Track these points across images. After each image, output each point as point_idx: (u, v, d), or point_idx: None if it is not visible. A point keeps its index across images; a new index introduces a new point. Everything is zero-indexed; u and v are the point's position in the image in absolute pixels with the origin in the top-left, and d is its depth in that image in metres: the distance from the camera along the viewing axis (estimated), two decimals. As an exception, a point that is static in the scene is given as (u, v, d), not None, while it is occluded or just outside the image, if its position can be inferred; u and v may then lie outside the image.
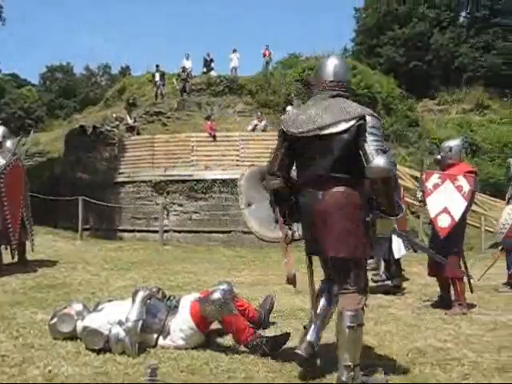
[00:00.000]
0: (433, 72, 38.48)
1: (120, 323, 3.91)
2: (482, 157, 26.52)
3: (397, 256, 7.47)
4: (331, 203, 3.37)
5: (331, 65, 3.64)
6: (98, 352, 3.87)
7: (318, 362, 3.65)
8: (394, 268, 7.53)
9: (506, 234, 7.93)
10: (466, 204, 5.96)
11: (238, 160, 16.12)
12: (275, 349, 3.92)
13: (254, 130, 17.49)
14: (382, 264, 7.57)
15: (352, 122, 3.34)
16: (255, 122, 17.80)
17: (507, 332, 5.00)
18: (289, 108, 18.41)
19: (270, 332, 4.59)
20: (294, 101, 19.27)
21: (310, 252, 3.75)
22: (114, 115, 22.01)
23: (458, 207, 5.96)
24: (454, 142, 6.49)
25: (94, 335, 3.91)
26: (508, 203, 8.42)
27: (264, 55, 26.26)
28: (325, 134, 3.38)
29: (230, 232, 15.55)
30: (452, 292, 6.18)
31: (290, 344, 4.06)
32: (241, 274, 9.13)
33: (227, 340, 4.28)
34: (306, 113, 3.52)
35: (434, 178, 6.15)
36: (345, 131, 3.34)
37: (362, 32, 43.04)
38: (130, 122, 19.84)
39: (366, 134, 3.32)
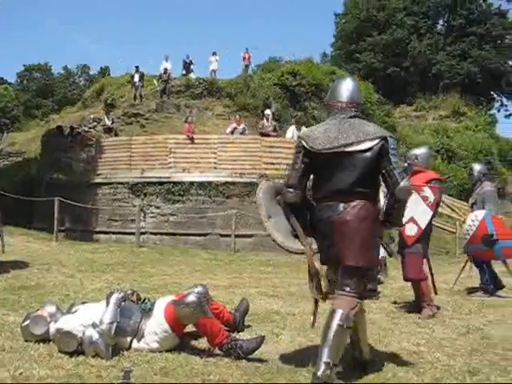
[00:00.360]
0: (410, 78, 38.88)
1: (94, 325, 3.88)
2: (458, 163, 26.85)
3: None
4: (353, 216, 3.58)
5: (347, 87, 3.91)
6: (71, 355, 3.84)
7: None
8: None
9: (468, 240, 7.98)
10: (431, 213, 6.27)
11: (215, 163, 16.09)
12: (249, 352, 3.92)
13: (232, 132, 17.47)
14: None
15: (375, 142, 3.62)
16: (234, 125, 17.77)
17: (479, 336, 5.07)
18: (267, 112, 18.44)
19: (244, 335, 4.60)
20: (272, 105, 19.30)
21: (324, 262, 3.90)
22: (92, 116, 21.82)
23: (423, 217, 6.23)
24: (419, 151, 6.73)
25: (67, 337, 3.87)
26: (472, 209, 8.53)
27: (244, 58, 26.23)
28: (349, 150, 3.63)
29: (206, 235, 15.52)
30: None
31: (264, 347, 4.06)
32: (217, 276, 9.12)
33: (202, 343, 4.27)
34: (329, 131, 3.74)
35: None
36: (368, 150, 3.62)
37: (341, 37, 43.35)
38: (108, 123, 19.68)
39: (389, 156, 3.64)
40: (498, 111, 43.46)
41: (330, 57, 45.01)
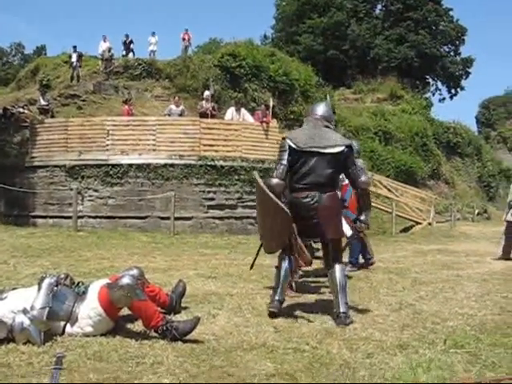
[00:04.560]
0: (349, 61, 39.47)
1: (24, 311, 3.77)
2: (395, 145, 27.53)
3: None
4: (329, 202, 4.82)
5: (322, 107, 5.22)
6: (1, 342, 3.73)
7: None
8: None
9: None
10: None
11: (154, 145, 15.88)
12: (185, 333, 3.91)
13: (169, 114, 17.29)
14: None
15: (343, 147, 4.83)
16: (171, 106, 17.61)
17: (411, 311, 5.24)
18: (206, 93, 18.35)
19: (181, 317, 4.59)
20: (211, 86, 19.18)
21: (305, 236, 4.94)
22: (27, 97, 21.13)
23: None
24: None
25: (-5, 325, 3.76)
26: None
27: (183, 39, 25.95)
28: (325, 152, 4.80)
29: (145, 218, 15.36)
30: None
31: (200, 328, 4.07)
32: (155, 259, 9.06)
33: (137, 326, 4.24)
34: (307, 135, 4.93)
35: None
36: (339, 153, 4.81)
37: (281, 19, 43.42)
38: (44, 103, 19.11)
39: (353, 158, 4.92)
40: (433, 95, 44.77)
41: (270, 39, 45.00)
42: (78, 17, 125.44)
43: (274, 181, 4.80)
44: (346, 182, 7.78)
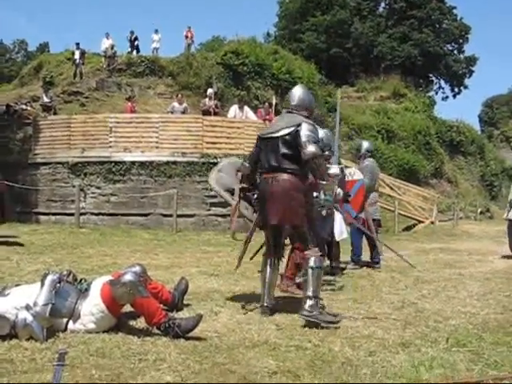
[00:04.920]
0: (352, 59, 39.34)
1: (27, 308, 3.78)
2: (398, 143, 27.46)
3: (338, 238, 7.54)
4: (281, 186, 4.62)
5: (295, 94, 5.01)
6: (4, 338, 3.73)
7: None
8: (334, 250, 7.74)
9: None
10: None
11: (157, 142, 15.90)
12: (188, 330, 3.91)
13: (172, 112, 17.31)
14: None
15: (292, 128, 4.65)
16: (174, 103, 17.62)
17: (413, 309, 5.24)
18: (209, 91, 18.35)
19: (184, 314, 4.60)
20: (214, 84, 19.19)
21: (261, 225, 4.99)
22: (30, 94, 21.15)
23: None
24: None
25: (-1, 321, 3.77)
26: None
27: (186, 37, 25.95)
28: (273, 136, 4.77)
29: (148, 215, 15.38)
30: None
31: (202, 325, 4.07)
32: (158, 256, 9.08)
33: (139, 323, 4.24)
34: (272, 123, 5.26)
35: None
36: (287, 135, 4.67)
37: (284, 17, 43.31)
38: (47, 100, 19.14)
39: (301, 134, 4.58)
40: (436, 93, 44.65)
41: (273, 37, 44.91)
42: (81, 14, 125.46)
43: (243, 163, 5.11)
44: (355, 177, 7.81)
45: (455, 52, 43.72)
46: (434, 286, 6.70)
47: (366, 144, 9.48)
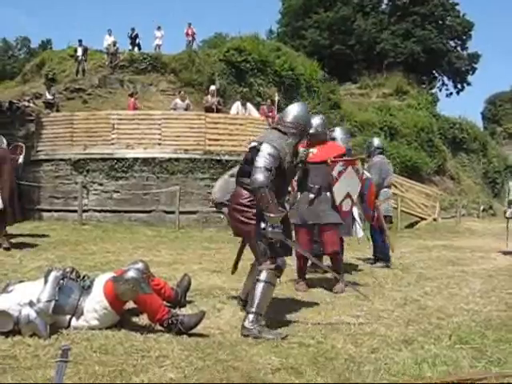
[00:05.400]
0: (355, 56, 39.27)
1: (31, 304, 3.79)
2: (401, 140, 27.40)
3: (359, 235, 7.47)
4: (233, 198, 4.58)
5: (289, 108, 4.80)
6: (7, 335, 3.75)
7: None
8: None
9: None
10: (360, 185, 6.50)
11: (159, 139, 15.88)
12: (190, 327, 3.93)
13: (175, 108, 17.31)
14: None
15: (255, 145, 4.52)
16: (177, 100, 17.63)
17: (416, 306, 5.25)
18: (212, 87, 18.35)
19: (186, 311, 4.61)
20: (216, 81, 19.17)
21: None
22: (33, 90, 21.16)
23: (355, 190, 6.38)
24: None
25: (2, 317, 3.77)
26: None
27: (187, 34, 25.92)
28: (247, 149, 4.71)
29: (150, 212, 15.37)
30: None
31: (205, 322, 4.08)
32: (160, 253, 9.09)
33: (142, 319, 4.25)
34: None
35: (339, 166, 6.24)
36: (250, 150, 4.58)
37: (287, 14, 43.24)
38: (49, 97, 19.14)
39: (257, 157, 4.33)
40: (440, 90, 44.55)
41: (276, 33, 44.84)
42: (83, 10, 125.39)
43: None
44: (366, 175, 7.76)
45: (458, 49, 43.58)
46: (436, 283, 6.71)
47: (376, 141, 9.52)
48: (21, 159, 10.45)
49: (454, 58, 42.06)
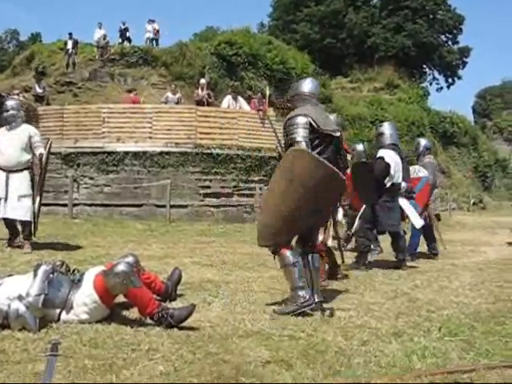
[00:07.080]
0: (346, 50, 39.26)
1: (20, 298, 3.76)
2: (391, 134, 27.43)
3: (417, 226, 7.96)
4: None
5: (312, 84, 4.99)
6: (-4, 329, 3.73)
7: None
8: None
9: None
10: None
11: (150, 132, 15.87)
12: (181, 320, 3.91)
13: (166, 102, 17.28)
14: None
15: (339, 132, 4.89)
16: (168, 94, 17.59)
17: (406, 299, 5.27)
18: (202, 81, 18.32)
19: (177, 304, 4.59)
20: (206, 74, 19.14)
21: None
22: (22, 84, 21.03)
23: None
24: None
25: (-10, 312, 3.75)
26: None
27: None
28: (335, 135, 4.79)
29: (141, 205, 15.35)
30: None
31: (196, 315, 4.08)
32: (151, 247, 9.06)
33: (133, 313, 4.23)
34: (320, 115, 4.76)
35: None
36: (338, 137, 4.84)
37: (278, 7, 43.18)
38: (39, 91, 19.05)
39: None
40: (430, 84, 44.67)
41: (267, 27, 44.77)
42: (73, 3, 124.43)
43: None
44: (420, 174, 8.01)
45: (449, 43, 43.75)
46: (426, 277, 6.75)
47: (423, 142, 9.80)
48: None
49: (445, 51, 42.19)
